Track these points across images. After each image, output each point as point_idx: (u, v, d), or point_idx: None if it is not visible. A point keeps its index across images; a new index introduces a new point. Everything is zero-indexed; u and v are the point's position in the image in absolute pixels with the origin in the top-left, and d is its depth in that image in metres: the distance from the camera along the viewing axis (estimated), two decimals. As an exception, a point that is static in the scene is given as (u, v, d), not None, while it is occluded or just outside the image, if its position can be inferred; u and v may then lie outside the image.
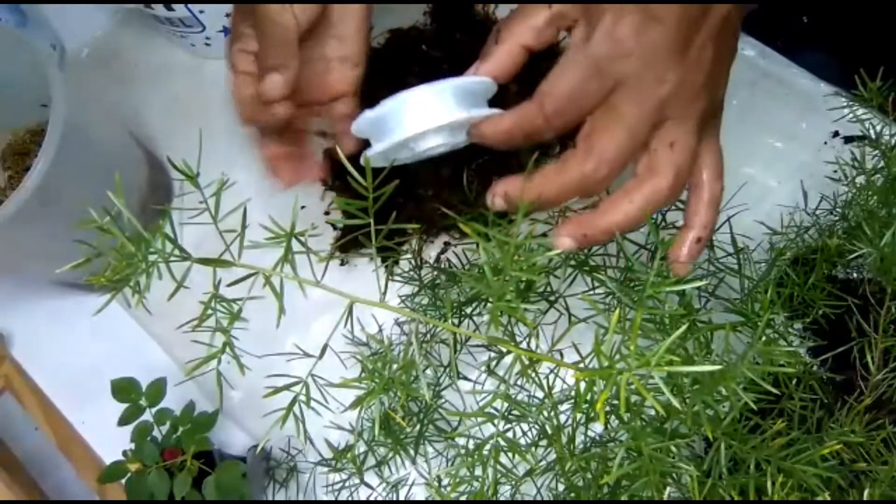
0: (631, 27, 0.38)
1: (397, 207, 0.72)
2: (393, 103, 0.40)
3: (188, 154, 0.40)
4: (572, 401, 0.47)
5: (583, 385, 0.34)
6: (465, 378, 0.64)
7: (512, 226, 0.35)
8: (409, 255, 0.72)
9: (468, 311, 0.54)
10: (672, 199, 0.41)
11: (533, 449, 0.47)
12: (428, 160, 0.45)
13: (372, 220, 0.36)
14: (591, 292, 0.51)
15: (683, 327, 0.33)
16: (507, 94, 0.44)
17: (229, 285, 0.36)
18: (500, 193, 0.42)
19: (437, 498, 0.55)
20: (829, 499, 0.41)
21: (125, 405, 0.63)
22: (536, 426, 0.46)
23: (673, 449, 0.39)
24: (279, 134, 0.52)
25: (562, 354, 0.41)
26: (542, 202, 0.41)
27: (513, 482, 0.47)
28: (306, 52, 0.47)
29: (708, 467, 0.42)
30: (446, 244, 0.73)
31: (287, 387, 0.37)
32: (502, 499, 0.55)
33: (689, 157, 0.41)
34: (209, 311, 0.35)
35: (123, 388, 0.63)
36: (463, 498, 0.42)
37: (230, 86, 0.48)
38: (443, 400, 0.60)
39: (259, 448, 0.67)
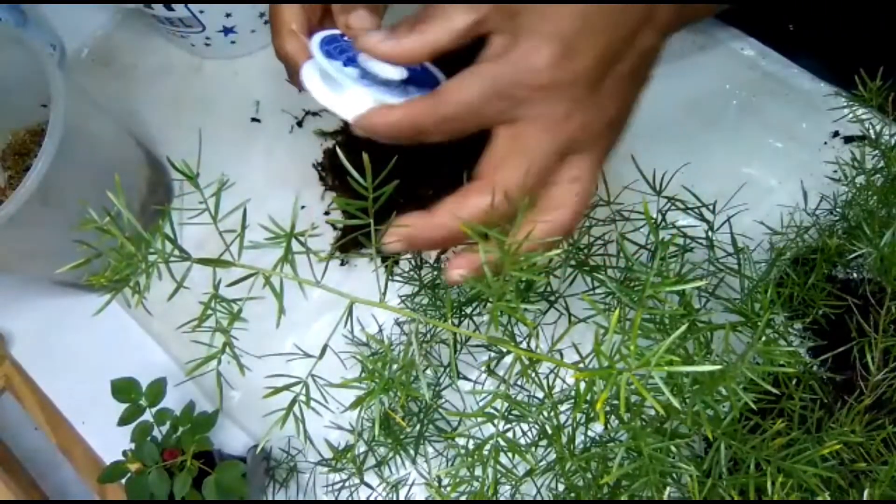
0: (549, 58, 0.36)
1: (397, 208, 0.72)
2: (345, 85, 0.41)
3: (188, 154, 0.40)
4: (572, 401, 0.47)
5: (582, 385, 0.34)
6: (465, 378, 0.65)
7: (512, 226, 0.35)
8: (409, 255, 0.71)
9: (468, 311, 0.54)
10: (572, 230, 0.41)
11: (533, 449, 0.47)
12: (428, 160, 0.45)
13: (372, 221, 0.36)
14: (591, 292, 0.51)
15: (683, 327, 0.33)
16: None
17: (229, 285, 0.36)
18: (402, 237, 0.40)
19: (437, 498, 0.55)
20: (829, 499, 0.41)
21: (125, 405, 0.63)
22: (536, 426, 0.46)
23: (673, 449, 0.39)
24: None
25: (562, 354, 0.41)
26: (447, 241, 0.40)
27: (513, 482, 0.47)
28: None
29: (708, 467, 0.42)
30: (446, 244, 0.73)
31: (287, 387, 0.37)
32: (502, 499, 0.55)
33: (591, 190, 0.40)
34: (209, 312, 0.35)
35: (123, 388, 0.63)
36: (463, 498, 0.42)
37: None
38: (443, 400, 0.60)
39: (259, 448, 0.66)
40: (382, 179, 0.37)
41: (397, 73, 0.41)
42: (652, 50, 0.39)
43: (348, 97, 0.41)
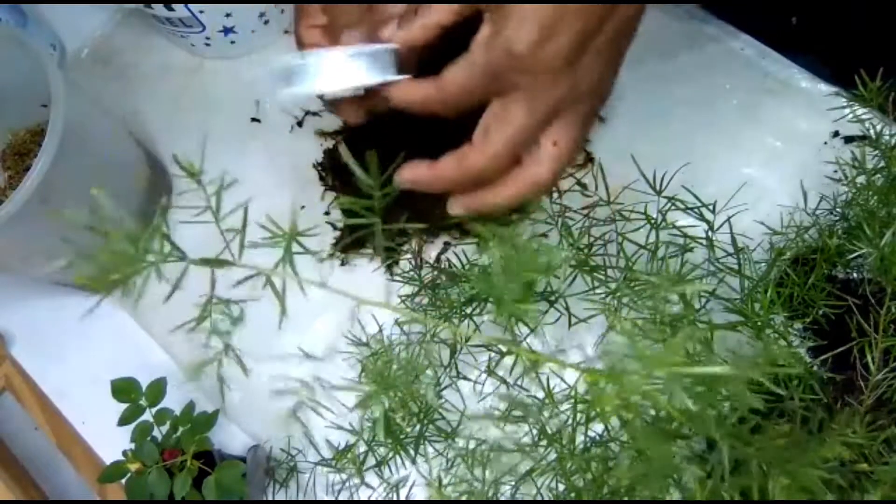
0: (529, 43, 0.40)
1: (398, 205, 0.72)
2: (312, 59, 0.45)
3: (188, 154, 0.40)
4: (572, 401, 0.47)
5: (582, 386, 0.34)
6: (465, 378, 0.65)
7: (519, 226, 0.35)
8: (409, 256, 0.72)
9: (468, 311, 0.54)
10: (548, 185, 0.47)
11: (533, 448, 0.47)
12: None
13: (378, 219, 0.36)
14: (592, 292, 0.51)
15: (688, 328, 0.32)
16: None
17: (234, 286, 0.35)
18: (408, 179, 0.47)
19: (437, 498, 0.54)
20: (830, 499, 0.41)
21: (125, 405, 0.63)
22: (536, 427, 0.46)
23: (676, 449, 0.39)
24: None
25: (566, 355, 0.41)
26: (445, 188, 0.47)
27: (513, 482, 0.47)
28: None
29: (710, 468, 0.42)
30: (446, 244, 0.73)
31: (293, 390, 0.36)
32: (502, 499, 0.55)
33: (571, 150, 0.46)
34: (205, 314, 0.35)
35: (123, 388, 0.63)
36: (464, 498, 0.42)
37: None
38: (443, 400, 0.60)
39: (269, 453, 0.66)
40: (385, 180, 0.36)
41: None
42: (629, 20, 0.43)
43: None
